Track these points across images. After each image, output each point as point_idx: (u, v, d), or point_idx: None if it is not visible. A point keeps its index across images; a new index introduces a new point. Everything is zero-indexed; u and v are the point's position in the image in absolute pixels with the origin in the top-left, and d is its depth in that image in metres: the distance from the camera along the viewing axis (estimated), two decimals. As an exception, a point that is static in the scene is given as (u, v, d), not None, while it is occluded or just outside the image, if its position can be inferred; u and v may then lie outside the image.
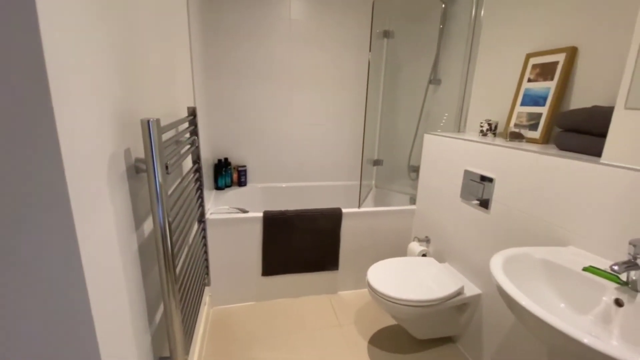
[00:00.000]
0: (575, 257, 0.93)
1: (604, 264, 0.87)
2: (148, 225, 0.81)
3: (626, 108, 0.85)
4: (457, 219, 1.55)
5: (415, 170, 2.24)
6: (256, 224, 1.71)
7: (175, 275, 0.76)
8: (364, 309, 1.82)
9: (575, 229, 0.98)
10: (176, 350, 0.83)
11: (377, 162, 2.50)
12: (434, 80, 2.10)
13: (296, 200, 2.43)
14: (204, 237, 1.30)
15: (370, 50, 1.78)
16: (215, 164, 2.16)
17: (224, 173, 2.14)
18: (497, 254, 0.92)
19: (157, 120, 0.66)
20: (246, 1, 2.05)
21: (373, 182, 2.57)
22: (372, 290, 1.36)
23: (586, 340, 0.61)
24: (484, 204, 1.35)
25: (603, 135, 0.93)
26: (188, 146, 1.14)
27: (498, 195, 1.29)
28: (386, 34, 2.21)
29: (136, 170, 0.73)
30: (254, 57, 2.16)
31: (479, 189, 1.38)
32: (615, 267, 0.73)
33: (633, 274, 0.77)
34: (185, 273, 0.95)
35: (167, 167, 0.73)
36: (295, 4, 2.12)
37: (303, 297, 1.90)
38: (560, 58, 1.28)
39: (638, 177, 0.82)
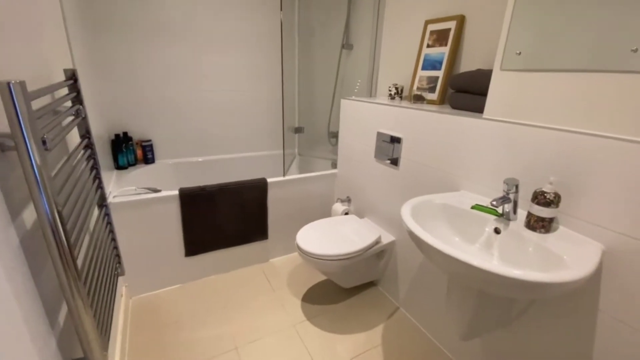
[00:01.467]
0: (466, 199, 1.11)
1: (487, 202, 1.07)
2: (31, 215, 0.66)
3: (502, 70, 1.01)
4: (372, 178, 1.68)
5: (335, 136, 2.32)
6: (172, 203, 1.57)
7: (76, 269, 0.66)
8: (296, 271, 1.89)
9: (465, 176, 1.17)
10: (90, 349, 0.74)
11: (298, 130, 2.50)
12: (347, 45, 2.14)
13: (218, 174, 2.30)
14: (109, 222, 1.14)
15: (281, 10, 1.69)
16: (113, 140, 1.86)
17: (124, 150, 1.87)
18: (405, 203, 1.05)
19: (22, 83, 0.52)
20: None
21: (296, 150, 2.58)
22: (302, 251, 1.42)
23: (475, 262, 0.75)
24: (394, 161, 1.49)
25: (486, 94, 1.10)
26: (71, 117, 0.95)
27: (405, 153, 1.43)
28: (297, -6, 2.13)
29: (1, 149, 0.58)
30: (153, 13, 1.86)
31: (389, 149, 1.51)
32: (494, 202, 0.91)
33: (506, 207, 0.96)
34: (90, 264, 0.82)
35: (44, 143, 0.60)
36: (191, -50, 1.85)
37: (233, 271, 1.87)
38: (452, 25, 1.42)
39: (511, 128, 1.00)
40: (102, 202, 1.11)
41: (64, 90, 0.98)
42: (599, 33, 0.78)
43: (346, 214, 1.91)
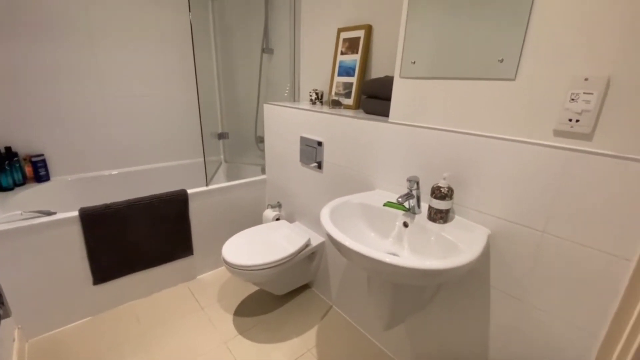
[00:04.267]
0: (380, 197, 1.18)
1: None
2: None
3: (400, 77, 1.10)
4: (299, 182, 1.69)
5: (263, 140, 2.28)
6: (72, 226, 1.37)
7: None
8: (226, 285, 1.81)
9: (379, 175, 1.25)
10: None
11: (222, 136, 2.40)
12: (267, 49, 2.12)
13: (133, 188, 2.08)
14: (-21, 258, 0.94)
15: (190, 11, 1.60)
16: (-10, 157, 1.56)
17: (7, 168, 1.57)
18: (325, 206, 1.07)
19: None
20: None
21: (222, 156, 2.48)
22: (229, 264, 1.36)
23: (387, 259, 0.79)
24: (318, 165, 1.53)
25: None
26: None
27: (327, 156, 1.47)
28: (209, -5, 2.04)
29: None
30: (38, 9, 1.60)
31: (313, 153, 1.54)
32: (400, 199, 0.98)
33: (411, 202, 1.04)
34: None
35: None
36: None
37: (156, 294, 1.71)
38: (361, 34, 1.51)
39: (411, 131, 1.09)
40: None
41: None
42: (474, 46, 0.90)
43: (277, 219, 1.89)
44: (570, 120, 0.74)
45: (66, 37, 1.72)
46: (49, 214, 1.33)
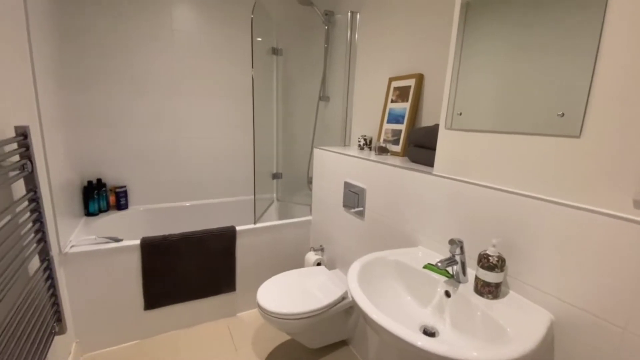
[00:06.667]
0: (422, 256, 1.07)
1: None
2: None
3: (446, 128, 1.03)
4: (341, 227, 1.65)
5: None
6: (133, 253, 1.53)
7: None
8: (262, 328, 1.78)
9: (422, 231, 1.14)
10: None
11: (276, 176, 2.52)
12: (323, 97, 2.23)
13: (189, 221, 2.27)
14: (50, 277, 1.09)
15: (252, 67, 1.79)
16: (85, 187, 1.87)
17: (96, 197, 1.87)
18: (355, 262, 1.00)
19: None
20: (120, 9, 1.86)
21: (274, 195, 2.58)
22: (260, 308, 1.34)
23: (420, 343, 0.68)
24: (360, 212, 1.47)
25: (436, 150, 1.10)
26: (17, 171, 0.95)
27: (369, 204, 1.41)
28: (275, 51, 2.26)
29: None
30: (131, 67, 1.97)
31: (355, 199, 1.50)
32: (439, 263, 0.87)
33: (455, 268, 0.91)
34: (7, 327, 0.77)
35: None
36: (177, 14, 2.01)
37: (197, 326, 1.76)
38: (412, 83, 1.49)
39: (455, 185, 0.99)
40: (45, 256, 1.08)
41: (14, 145, 0.99)
42: (530, 98, 0.80)
43: (319, 264, 1.84)
44: (659, 189, 0.59)
45: (152, 90, 2.05)
46: (117, 240, 1.51)
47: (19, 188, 1.03)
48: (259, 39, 2.15)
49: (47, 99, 1.36)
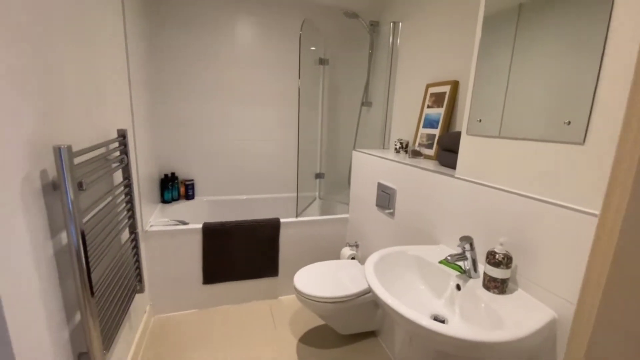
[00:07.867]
0: (442, 253, 1.14)
1: (457, 258, 1.09)
2: (65, 236, 0.92)
3: (467, 134, 1.09)
4: (373, 225, 1.76)
5: (353, 182, 2.45)
6: (196, 235, 1.83)
7: (90, 282, 0.88)
8: (300, 311, 1.97)
9: (443, 230, 1.21)
10: (92, 346, 0.94)
11: (319, 175, 2.70)
12: (366, 102, 2.35)
13: (243, 212, 2.56)
14: (136, 247, 1.40)
15: (299, 78, 1.99)
16: (162, 179, 2.26)
17: (170, 187, 2.24)
18: (375, 252, 1.12)
19: (69, 147, 0.79)
20: (192, 28, 2.21)
21: (317, 193, 2.76)
22: (296, 290, 1.52)
23: (424, 322, 0.79)
24: (391, 212, 1.57)
25: (460, 154, 1.17)
26: (118, 163, 1.27)
27: (399, 204, 1.51)
28: (322, 61, 2.45)
29: (53, 187, 0.86)
30: (203, 78, 2.31)
31: (387, 199, 1.60)
32: (449, 257, 0.95)
33: (467, 264, 0.98)
34: (107, 277, 1.06)
35: (81, 185, 0.86)
36: (238, 30, 2.30)
37: (244, 304, 2.02)
38: (447, 89, 1.54)
39: (473, 188, 1.05)
40: (133, 230, 1.39)
41: (116, 144, 1.31)
42: (540, 107, 0.85)
43: (353, 258, 1.97)
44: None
45: (220, 99, 2.37)
46: (184, 223, 1.83)
47: (118, 176, 1.36)
48: (313, 48, 2.35)
49: (138, 106, 1.71)
